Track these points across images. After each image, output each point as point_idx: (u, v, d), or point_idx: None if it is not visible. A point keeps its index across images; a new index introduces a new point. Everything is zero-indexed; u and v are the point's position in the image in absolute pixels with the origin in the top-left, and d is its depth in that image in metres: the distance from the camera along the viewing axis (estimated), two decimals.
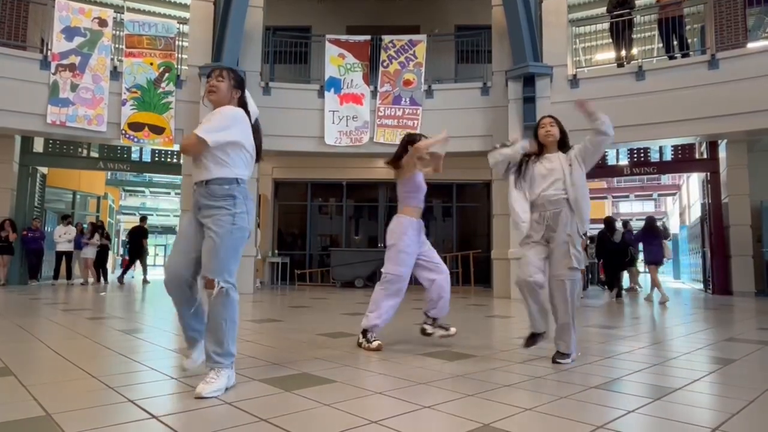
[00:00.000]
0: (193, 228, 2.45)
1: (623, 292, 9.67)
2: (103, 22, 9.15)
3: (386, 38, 10.02)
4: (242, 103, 2.55)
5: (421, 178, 3.70)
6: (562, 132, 3.22)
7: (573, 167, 3.09)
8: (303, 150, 9.68)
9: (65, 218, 11.75)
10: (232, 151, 2.40)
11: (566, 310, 3.00)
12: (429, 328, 3.70)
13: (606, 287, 10.94)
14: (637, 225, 11.54)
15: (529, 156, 3.23)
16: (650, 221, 8.98)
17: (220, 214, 2.35)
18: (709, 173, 10.85)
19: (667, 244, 9.52)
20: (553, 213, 3.05)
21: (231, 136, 2.37)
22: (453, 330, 3.68)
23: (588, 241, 11.44)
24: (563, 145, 3.22)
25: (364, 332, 3.47)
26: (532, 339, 3.19)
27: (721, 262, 10.22)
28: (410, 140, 3.69)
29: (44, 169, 12.15)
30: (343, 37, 10.20)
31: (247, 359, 3.08)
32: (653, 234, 8.83)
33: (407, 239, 3.54)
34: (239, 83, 2.56)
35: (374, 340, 3.42)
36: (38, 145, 11.45)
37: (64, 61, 8.79)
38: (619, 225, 9.96)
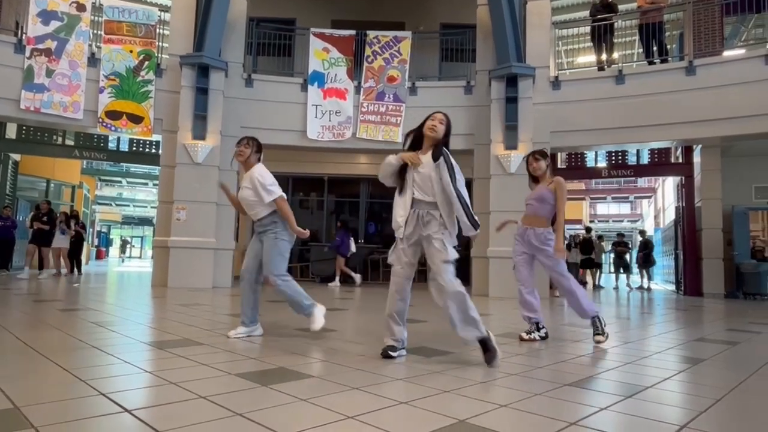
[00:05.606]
0: (258, 244, 3.80)
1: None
2: (81, 7, 8.91)
3: (371, 34, 9.98)
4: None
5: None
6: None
7: None
8: (285, 144, 9.59)
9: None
10: None
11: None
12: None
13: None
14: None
15: None
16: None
17: (268, 235, 3.74)
18: (683, 177, 11.09)
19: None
20: None
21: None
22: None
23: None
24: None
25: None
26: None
27: (693, 264, 10.47)
28: None
29: (17, 156, 11.85)
30: (328, 31, 10.13)
31: (223, 353, 3.05)
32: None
33: None
34: (259, 148, 3.96)
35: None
36: (11, 131, 11.15)
37: (40, 46, 8.55)
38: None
